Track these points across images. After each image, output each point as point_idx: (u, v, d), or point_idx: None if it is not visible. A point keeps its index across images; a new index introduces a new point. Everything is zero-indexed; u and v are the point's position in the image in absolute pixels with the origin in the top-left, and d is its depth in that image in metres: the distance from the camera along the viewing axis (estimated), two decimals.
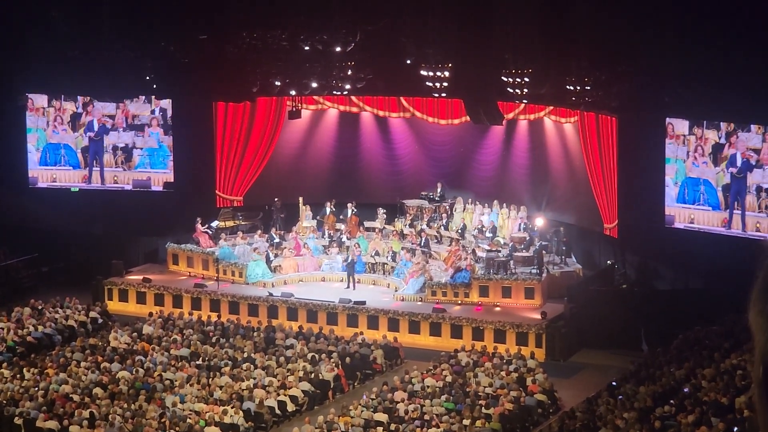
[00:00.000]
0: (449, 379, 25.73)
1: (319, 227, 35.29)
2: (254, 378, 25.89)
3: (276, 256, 33.58)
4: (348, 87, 32.49)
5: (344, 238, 34.29)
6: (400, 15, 30.70)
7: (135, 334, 29.11)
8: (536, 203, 34.15)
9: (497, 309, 30.35)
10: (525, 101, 31.87)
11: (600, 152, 31.38)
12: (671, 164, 29.54)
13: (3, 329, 29.41)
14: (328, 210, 35.43)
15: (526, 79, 29.13)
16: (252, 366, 26.62)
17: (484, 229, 33.73)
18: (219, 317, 30.82)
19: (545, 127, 34.28)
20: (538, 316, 29.47)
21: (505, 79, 29.27)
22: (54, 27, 33.02)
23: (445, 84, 30.63)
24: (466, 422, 23.10)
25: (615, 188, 30.93)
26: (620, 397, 22.40)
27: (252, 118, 36.16)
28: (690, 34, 26.90)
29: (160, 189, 35.72)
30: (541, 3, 29.25)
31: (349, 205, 35.41)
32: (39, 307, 31.10)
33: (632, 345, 28.25)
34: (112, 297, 33.10)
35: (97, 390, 25.15)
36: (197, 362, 27.19)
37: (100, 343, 28.70)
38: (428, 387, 25.32)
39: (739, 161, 28.10)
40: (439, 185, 35.24)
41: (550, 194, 34.13)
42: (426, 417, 23.54)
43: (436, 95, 31.75)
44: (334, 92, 33.55)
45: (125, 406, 24.17)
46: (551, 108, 33.13)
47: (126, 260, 34.25)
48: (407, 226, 34.56)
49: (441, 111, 35.62)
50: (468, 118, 32.91)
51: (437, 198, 35.03)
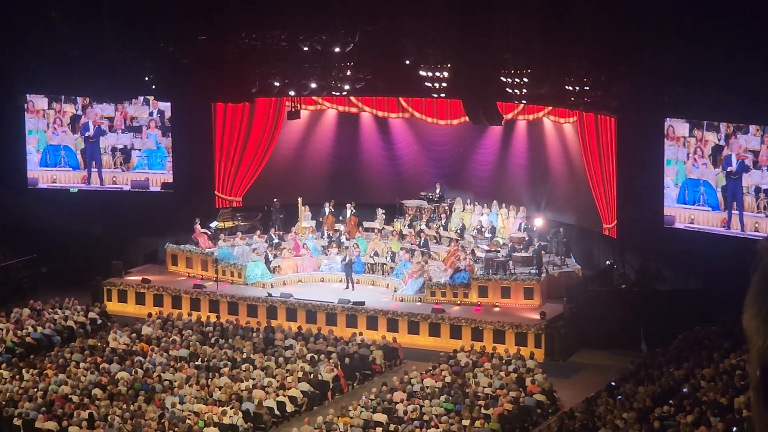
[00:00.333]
0: (448, 380, 25.71)
1: (318, 228, 35.28)
2: (253, 379, 25.88)
3: (275, 257, 33.56)
4: (347, 87, 32.45)
5: (343, 239, 34.28)
6: (399, 15, 30.65)
7: (134, 335, 29.09)
8: (535, 203, 34.14)
9: (496, 309, 30.33)
10: (524, 101, 31.85)
11: (599, 152, 31.38)
12: (672, 166, 29.60)
13: (2, 330, 29.36)
14: (327, 210, 35.42)
15: (525, 80, 29.09)
16: (251, 366, 26.60)
17: (483, 230, 33.72)
18: (218, 318, 30.82)
19: (544, 128, 34.26)
20: (538, 317, 29.46)
21: (505, 80, 29.24)
22: (54, 27, 33.01)
23: (444, 84, 30.59)
24: (466, 423, 23.08)
25: (614, 188, 30.93)
26: (619, 398, 22.39)
27: (251, 119, 36.16)
28: (689, 35, 26.87)
29: (158, 189, 35.86)
30: (541, 3, 29.20)
31: (348, 206, 35.41)
32: (38, 308, 31.08)
33: (631, 345, 28.22)
34: (111, 298, 33.09)
35: (97, 391, 25.13)
36: (196, 363, 27.17)
37: (100, 344, 28.69)
38: (427, 387, 25.30)
39: (734, 162, 28.19)
40: (438, 186, 35.22)
41: (550, 194, 34.12)
42: (425, 417, 23.51)
43: (435, 95, 31.71)
44: (333, 93, 33.51)
45: (124, 407, 24.16)
46: (550, 108, 33.13)
47: (125, 261, 34.23)
48: (406, 227, 34.54)
49: (440, 111, 35.61)
50: (467, 119, 32.89)
51: (436, 198, 35.00)
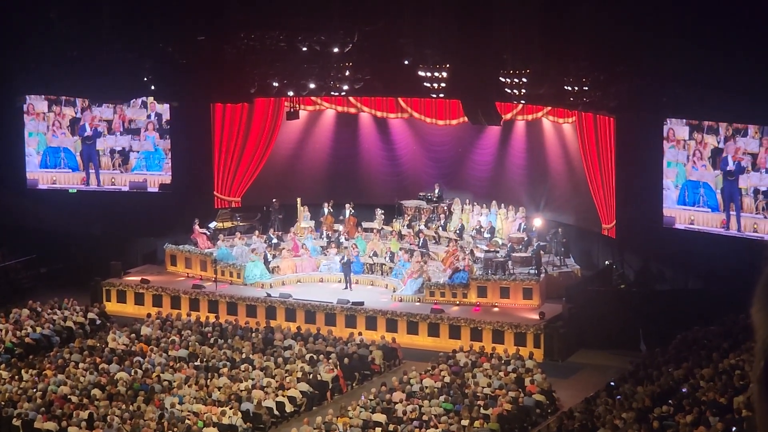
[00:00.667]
0: (447, 380, 25.72)
1: (317, 228, 35.29)
2: (252, 379, 25.88)
3: (274, 257, 33.56)
4: (346, 88, 32.47)
5: (342, 239, 34.28)
6: (398, 15, 30.66)
7: (133, 335, 29.09)
8: (534, 203, 34.15)
9: (495, 309, 30.34)
10: (523, 101, 31.86)
11: (598, 152, 31.40)
12: (672, 168, 29.70)
13: (1, 330, 29.39)
14: (326, 211, 35.42)
15: (524, 80, 29.10)
16: (250, 367, 26.61)
17: (482, 230, 33.72)
18: (217, 318, 30.82)
19: (543, 128, 34.26)
20: (537, 317, 29.46)
21: (503, 80, 29.24)
22: (53, 28, 32.99)
23: (443, 84, 30.61)
24: (465, 423, 23.08)
25: (613, 188, 30.94)
26: (618, 398, 22.38)
27: (250, 119, 36.19)
28: (688, 35, 26.87)
29: (156, 190, 36.01)
30: (540, 3, 29.21)
31: (347, 206, 35.41)
32: (37, 309, 31.09)
33: (630, 345, 28.21)
34: (111, 298, 33.09)
35: (96, 391, 25.13)
36: (195, 363, 27.18)
37: (99, 344, 28.71)
38: (426, 387, 25.30)
39: (731, 163, 28.29)
40: (437, 186, 35.22)
41: (548, 194, 34.13)
42: (424, 417, 23.52)
43: (434, 96, 31.72)
44: (332, 93, 33.53)
45: (124, 407, 24.15)
46: (549, 108, 33.13)
47: (124, 261, 34.24)
48: (405, 227, 34.54)
49: (439, 111, 35.61)
50: (466, 119, 32.89)
51: (435, 198, 35.00)
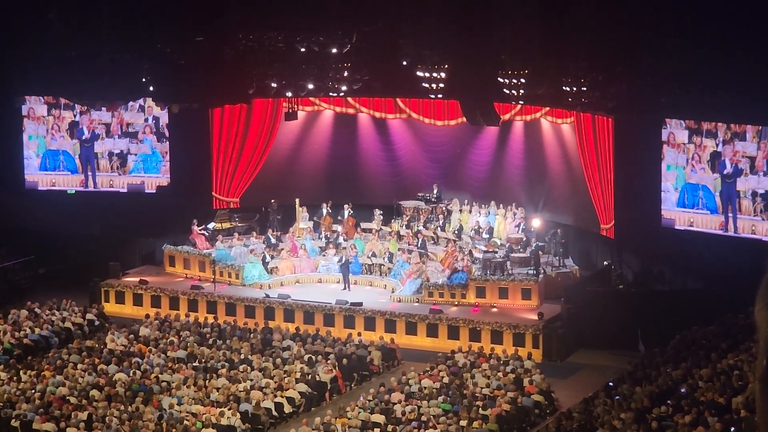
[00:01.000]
0: (446, 380, 25.71)
1: (316, 229, 35.28)
2: (251, 380, 25.87)
3: (272, 258, 33.55)
4: (344, 88, 32.45)
5: (341, 240, 34.28)
6: (397, 16, 30.65)
7: (132, 336, 29.07)
8: (533, 204, 34.16)
9: (494, 310, 30.34)
10: (521, 102, 31.85)
11: (596, 153, 31.40)
12: (671, 171, 29.75)
13: (0, 331, 29.40)
14: (325, 211, 35.42)
15: (523, 80, 29.09)
16: (249, 368, 26.60)
17: (481, 230, 33.71)
18: (216, 319, 30.81)
19: (542, 128, 34.26)
20: (535, 317, 29.47)
21: (502, 80, 29.23)
22: (51, 29, 32.97)
23: (442, 85, 30.59)
24: (463, 423, 23.06)
25: (611, 189, 30.95)
26: (617, 398, 22.37)
27: (248, 120, 36.19)
28: (688, 35, 26.87)
29: (154, 192, 36.15)
30: (539, 3, 29.20)
31: (346, 207, 35.40)
32: (36, 309, 31.08)
33: (629, 345, 28.22)
34: (109, 299, 33.08)
35: (94, 392, 25.12)
36: (194, 364, 27.16)
37: (97, 345, 28.69)
38: (425, 388, 25.29)
39: (729, 166, 28.37)
40: (436, 186, 35.21)
41: (547, 195, 34.15)
42: (423, 418, 23.50)
43: (433, 96, 31.71)
44: (331, 93, 33.51)
45: (122, 408, 24.13)
46: (547, 109, 33.13)
47: (123, 262, 34.21)
48: (404, 228, 34.54)
49: (437, 112, 35.60)
50: (464, 119, 32.88)
51: (434, 199, 34.99)
